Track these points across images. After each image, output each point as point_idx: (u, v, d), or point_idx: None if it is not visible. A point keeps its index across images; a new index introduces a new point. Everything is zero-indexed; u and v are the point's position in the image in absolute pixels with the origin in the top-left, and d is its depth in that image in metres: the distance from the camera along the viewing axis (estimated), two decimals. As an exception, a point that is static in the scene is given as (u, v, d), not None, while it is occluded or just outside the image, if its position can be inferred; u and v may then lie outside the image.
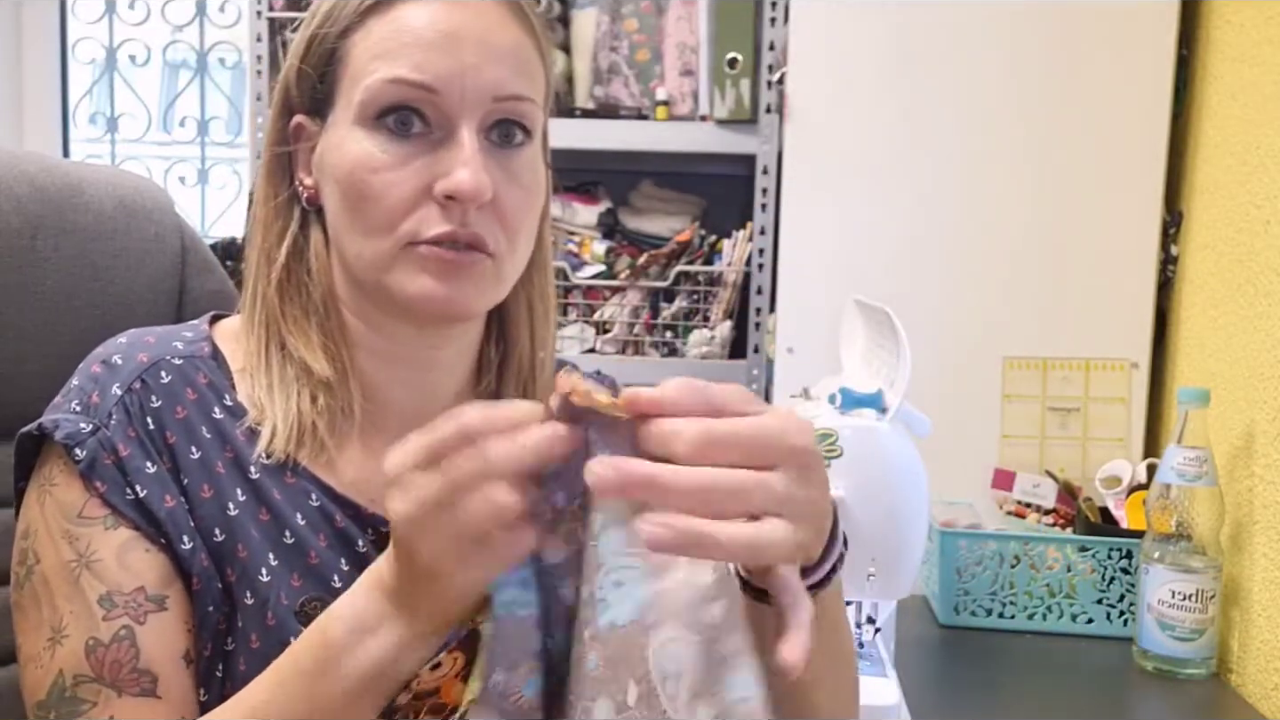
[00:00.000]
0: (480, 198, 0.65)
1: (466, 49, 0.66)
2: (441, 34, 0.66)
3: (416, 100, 0.66)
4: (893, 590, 0.93)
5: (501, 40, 0.68)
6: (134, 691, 0.62)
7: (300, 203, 0.72)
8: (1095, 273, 1.48)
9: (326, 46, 0.69)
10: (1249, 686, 1.17)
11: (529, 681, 0.54)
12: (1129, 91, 1.46)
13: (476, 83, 0.66)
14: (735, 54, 1.70)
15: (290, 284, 0.71)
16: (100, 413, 0.66)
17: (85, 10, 2.24)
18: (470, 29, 0.67)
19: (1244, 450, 1.22)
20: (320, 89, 0.70)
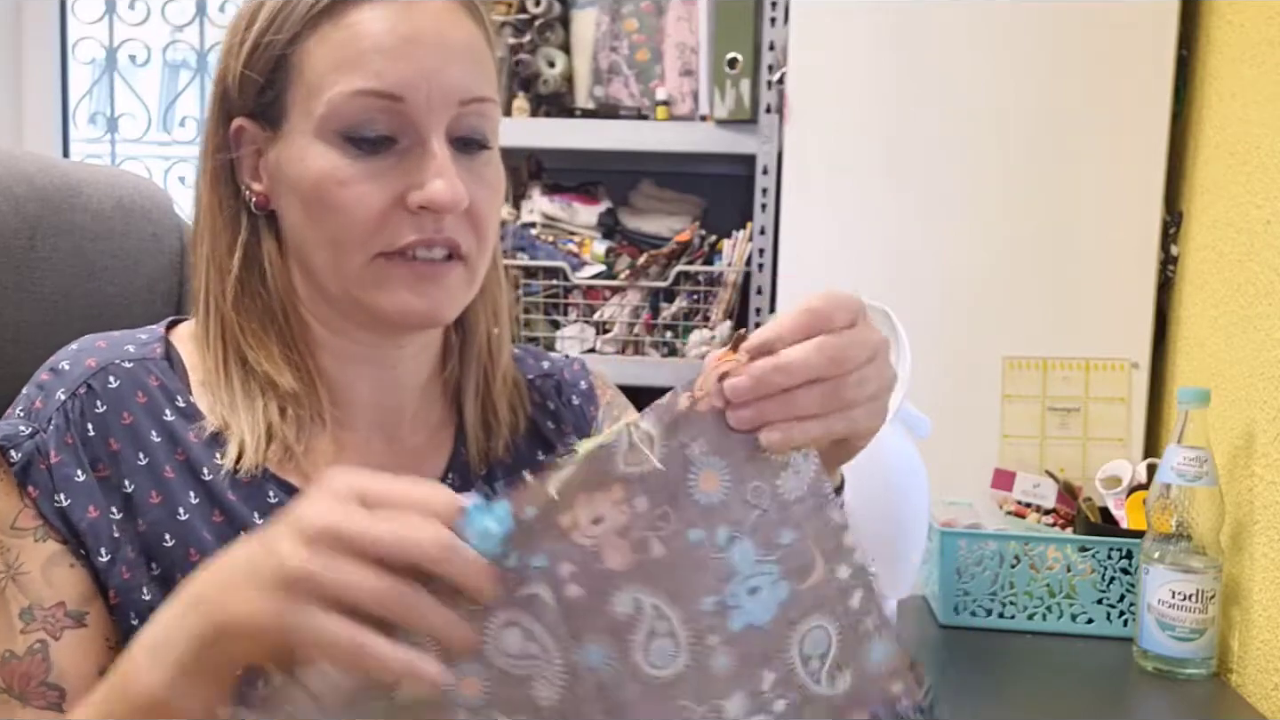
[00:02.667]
0: (458, 208, 0.65)
1: (426, 52, 0.65)
2: (400, 38, 0.64)
3: (381, 110, 0.64)
4: (893, 590, 0.93)
5: (457, 39, 0.67)
6: (39, 704, 0.62)
7: (249, 209, 0.70)
8: (1095, 273, 1.48)
9: (274, 53, 0.67)
10: (1249, 686, 1.17)
11: None
12: (1129, 92, 1.46)
13: (441, 87, 0.65)
14: (735, 54, 1.70)
15: (245, 295, 0.70)
16: (41, 418, 0.66)
17: (85, 10, 2.24)
18: (427, 31, 0.65)
19: (1244, 450, 1.22)
20: (268, 95, 0.68)
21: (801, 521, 0.55)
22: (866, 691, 0.57)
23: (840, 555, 0.56)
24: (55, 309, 0.85)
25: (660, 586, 0.53)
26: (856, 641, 0.56)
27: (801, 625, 0.56)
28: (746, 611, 0.55)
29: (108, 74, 2.25)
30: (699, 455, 0.54)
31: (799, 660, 0.56)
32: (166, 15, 2.25)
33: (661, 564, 0.53)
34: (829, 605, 0.56)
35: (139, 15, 2.24)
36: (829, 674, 0.56)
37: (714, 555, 0.54)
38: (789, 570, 0.55)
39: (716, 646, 0.54)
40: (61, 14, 2.21)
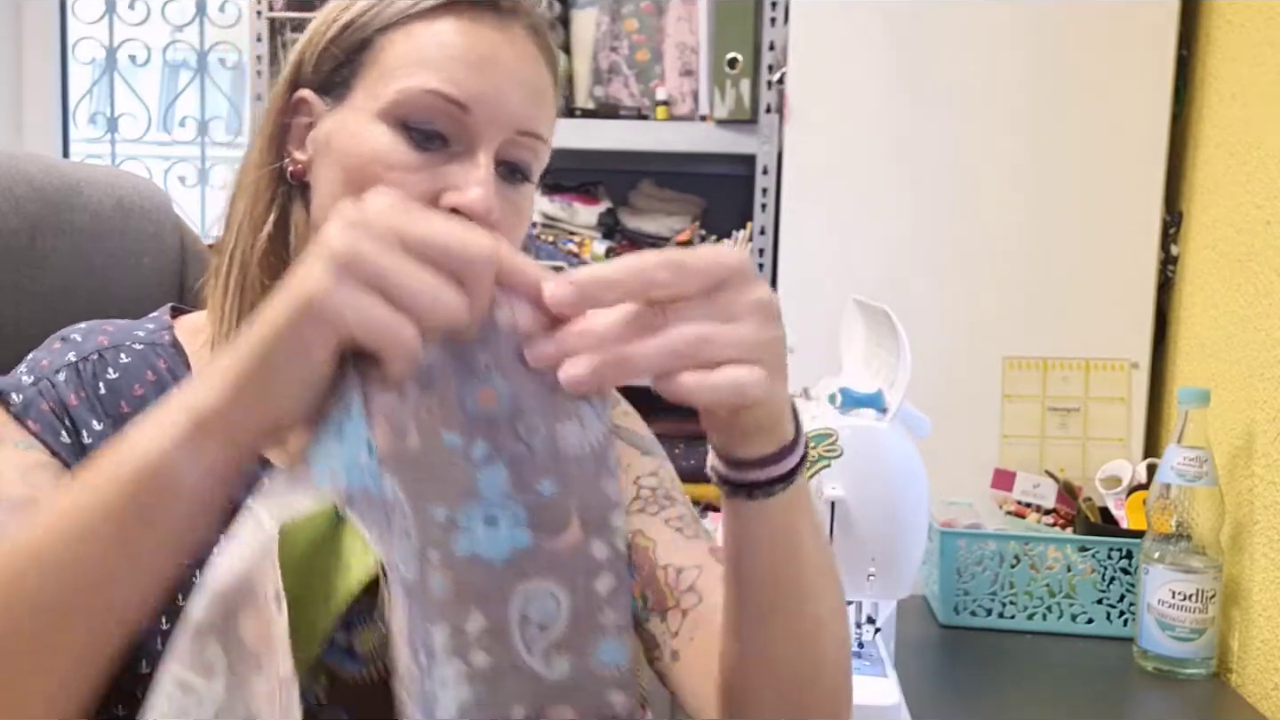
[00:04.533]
0: (487, 218, 0.66)
1: (501, 77, 0.68)
2: (481, 56, 0.68)
3: (445, 113, 0.67)
4: (893, 590, 0.93)
5: (530, 76, 0.70)
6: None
7: (286, 177, 0.73)
8: (1095, 273, 1.48)
9: (362, 35, 0.70)
10: (1249, 686, 1.17)
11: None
12: (1129, 92, 1.46)
13: (505, 110, 0.68)
14: (735, 54, 1.70)
15: (270, 255, 0.72)
16: (48, 371, 0.68)
17: (85, 10, 2.24)
18: (506, 60, 0.69)
19: (1244, 450, 1.22)
20: (342, 72, 0.71)
21: (570, 479, 0.51)
22: (582, 688, 0.52)
23: (602, 532, 0.52)
24: (55, 308, 0.85)
25: (404, 481, 0.49)
26: (589, 630, 0.52)
27: (531, 583, 0.51)
28: (476, 539, 0.50)
29: (108, 74, 2.25)
30: (484, 369, 0.50)
31: (516, 619, 0.51)
32: (166, 15, 2.25)
33: (410, 457, 0.49)
34: (570, 577, 0.51)
35: (139, 15, 2.24)
36: (546, 651, 0.52)
37: (463, 465, 0.50)
38: (538, 521, 0.51)
39: (436, 565, 0.50)
40: (61, 14, 2.21)
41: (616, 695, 0.52)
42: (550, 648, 0.51)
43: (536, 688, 0.51)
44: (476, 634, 0.51)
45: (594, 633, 0.51)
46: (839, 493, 0.85)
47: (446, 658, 0.50)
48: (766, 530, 0.59)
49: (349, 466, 0.46)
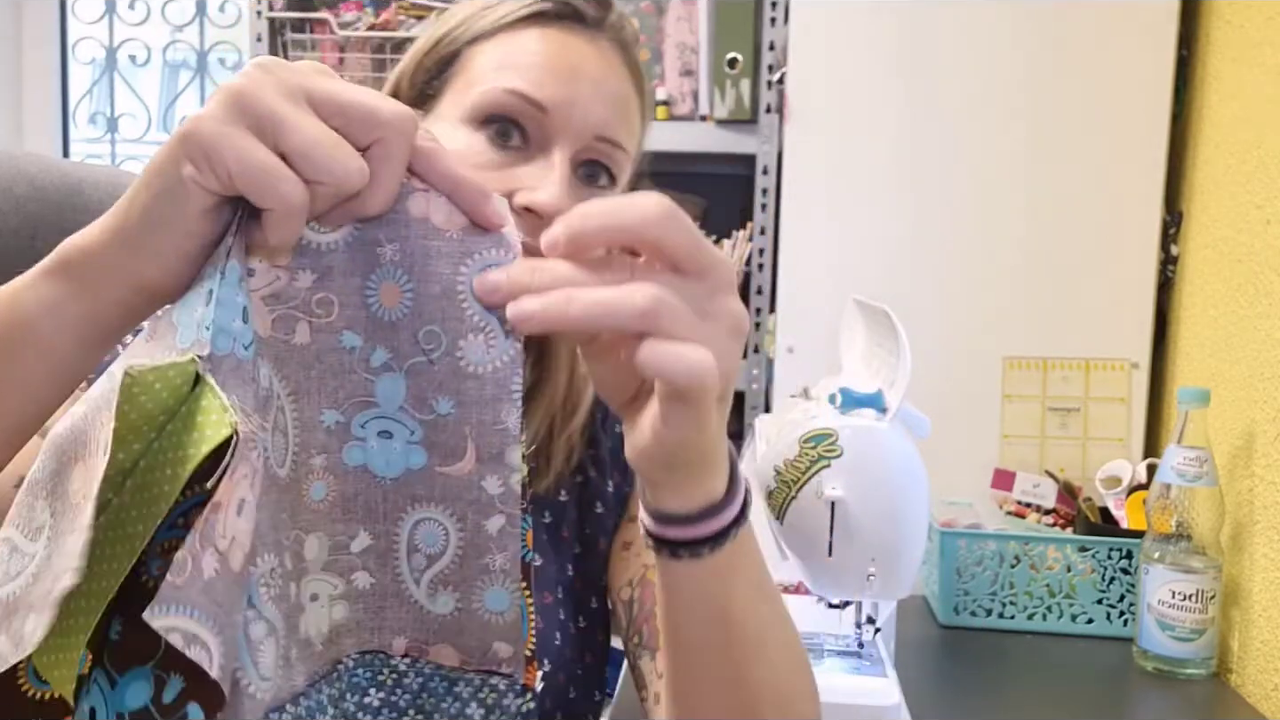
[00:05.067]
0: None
1: (583, 84, 0.69)
2: (566, 64, 0.69)
3: (525, 114, 0.68)
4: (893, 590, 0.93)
5: (615, 88, 0.71)
6: None
7: None
8: (1095, 273, 1.48)
9: (453, 49, 0.72)
10: (1249, 686, 1.17)
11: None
12: (1129, 91, 1.46)
13: (584, 116, 0.69)
14: (735, 54, 1.70)
15: None
16: None
17: (85, 10, 2.24)
18: (590, 68, 0.70)
19: (1244, 450, 1.22)
20: (433, 85, 0.73)
21: (468, 402, 0.48)
22: (465, 631, 0.49)
23: (496, 466, 0.48)
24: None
25: (286, 376, 0.46)
26: (475, 572, 0.49)
27: (421, 509, 0.48)
28: (368, 451, 0.48)
29: (108, 74, 2.25)
30: (390, 262, 0.46)
31: (405, 545, 0.48)
32: (166, 15, 2.25)
33: (299, 353, 0.46)
34: (459, 509, 0.48)
35: (139, 15, 2.24)
36: (431, 584, 0.49)
37: (360, 371, 0.47)
38: (432, 442, 0.48)
39: (319, 470, 0.47)
40: (61, 14, 2.21)
41: (501, 645, 0.50)
42: (436, 580, 0.49)
43: (420, 620, 0.49)
44: (360, 552, 0.48)
45: (481, 575, 0.49)
46: (839, 493, 0.85)
47: (320, 571, 0.47)
48: (693, 592, 0.55)
49: (218, 331, 0.42)
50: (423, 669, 0.50)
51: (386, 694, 0.50)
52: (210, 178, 0.42)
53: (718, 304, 0.46)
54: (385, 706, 0.50)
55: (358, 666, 0.49)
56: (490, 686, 0.50)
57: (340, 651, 0.49)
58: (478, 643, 0.49)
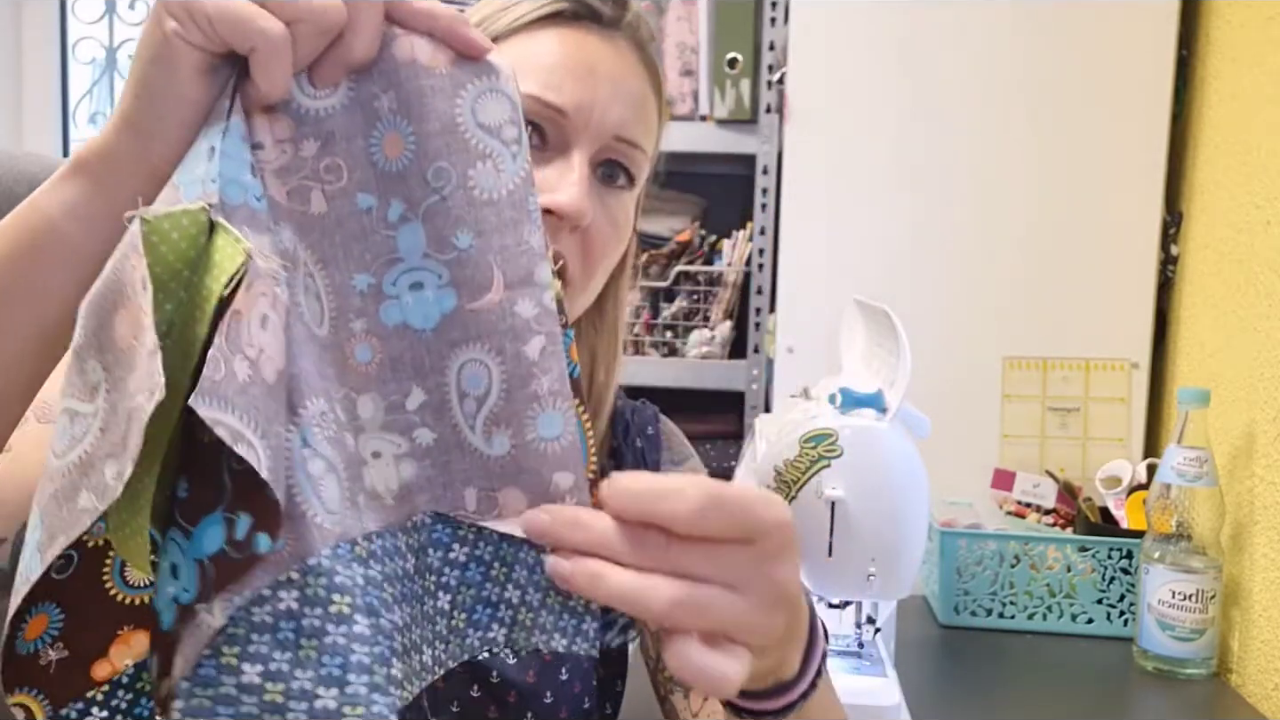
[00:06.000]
0: (581, 219, 0.67)
1: (601, 84, 0.69)
2: (583, 65, 0.69)
3: (544, 118, 0.68)
4: (893, 590, 0.93)
5: (633, 88, 0.71)
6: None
7: None
8: (1095, 273, 1.48)
9: None
10: (1249, 686, 1.17)
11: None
12: (1129, 91, 1.46)
13: (603, 117, 0.69)
14: (735, 54, 1.70)
15: None
16: None
17: (85, 10, 2.24)
18: (608, 68, 0.70)
19: (1244, 450, 1.22)
20: None
21: (487, 230, 0.47)
22: (525, 469, 0.48)
23: (526, 288, 0.48)
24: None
25: (311, 245, 0.46)
26: (523, 402, 0.48)
27: (462, 351, 0.48)
28: (404, 308, 0.48)
29: (108, 74, 2.25)
30: (388, 112, 0.47)
31: (455, 393, 0.48)
32: (166, 15, 2.25)
33: (319, 222, 0.46)
34: (495, 341, 0.48)
35: (139, 15, 2.24)
36: (484, 426, 0.48)
37: (381, 230, 0.47)
38: (459, 279, 0.47)
39: (360, 334, 0.47)
40: (61, 14, 2.21)
41: (562, 476, 0.48)
42: (488, 421, 0.48)
43: (483, 468, 0.48)
44: (416, 409, 0.48)
45: (529, 404, 0.48)
46: (839, 493, 0.85)
47: (379, 431, 0.48)
48: None
49: (227, 182, 0.42)
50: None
51: (470, 548, 0.49)
52: (193, 30, 0.43)
53: (761, 573, 0.45)
54: (471, 561, 0.49)
55: (436, 523, 0.49)
56: None
57: (414, 509, 0.48)
58: (538, 480, 0.48)
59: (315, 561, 0.42)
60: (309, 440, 0.43)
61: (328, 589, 0.42)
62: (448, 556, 0.49)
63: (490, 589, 0.49)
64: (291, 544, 0.41)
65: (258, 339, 0.40)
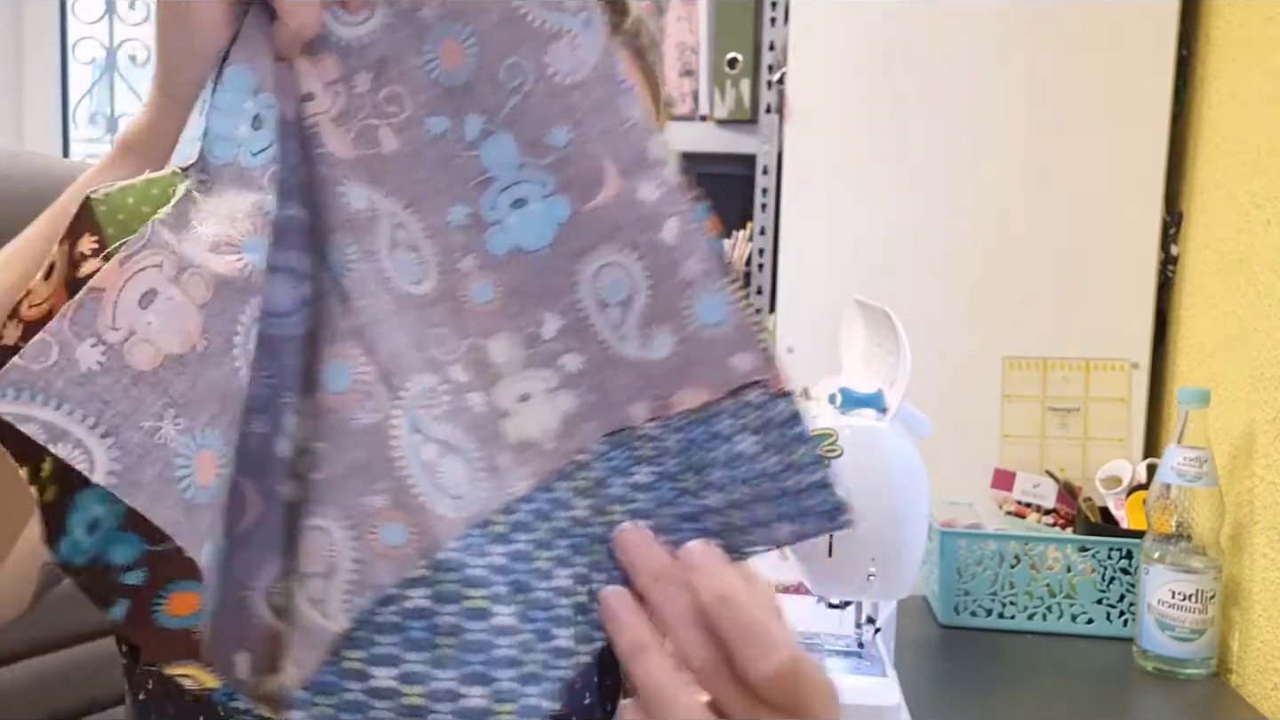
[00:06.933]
0: None
1: None
2: None
3: None
4: (893, 590, 0.93)
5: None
6: None
7: None
8: (1095, 273, 1.48)
9: None
10: (1249, 686, 1.17)
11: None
12: (1129, 91, 1.46)
13: None
14: (735, 54, 1.70)
15: None
16: None
17: (85, 10, 2.24)
18: None
19: (1244, 450, 1.22)
20: None
21: (583, 116, 0.42)
22: (695, 362, 0.43)
23: (642, 170, 0.43)
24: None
25: (394, 189, 0.43)
26: (674, 292, 0.43)
27: (591, 259, 0.43)
28: (510, 230, 0.43)
29: (108, 74, 2.25)
30: (434, 20, 0.42)
31: (593, 305, 0.43)
32: (166, 15, 2.25)
33: (394, 161, 0.42)
34: (625, 236, 0.43)
35: (139, 15, 2.24)
36: (639, 331, 0.43)
37: (462, 153, 0.43)
38: (567, 181, 0.43)
39: (472, 271, 0.43)
40: (61, 14, 2.21)
41: (739, 359, 0.43)
42: (641, 325, 0.43)
43: (647, 377, 0.43)
44: (556, 336, 0.43)
45: (681, 293, 0.43)
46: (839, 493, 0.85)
47: (522, 370, 0.43)
48: None
49: (215, 139, 0.39)
50: (675, 423, 0.44)
51: (653, 466, 0.44)
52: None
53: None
54: (658, 479, 0.44)
55: (611, 449, 0.44)
56: (747, 407, 0.43)
57: (584, 440, 0.44)
58: (714, 368, 0.43)
59: (444, 556, 0.40)
60: (418, 425, 0.40)
61: (460, 583, 0.40)
62: (631, 481, 0.44)
63: (687, 502, 0.44)
64: (415, 538, 0.39)
65: (129, 319, 0.35)
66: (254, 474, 0.41)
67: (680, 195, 0.43)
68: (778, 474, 0.43)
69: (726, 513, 0.44)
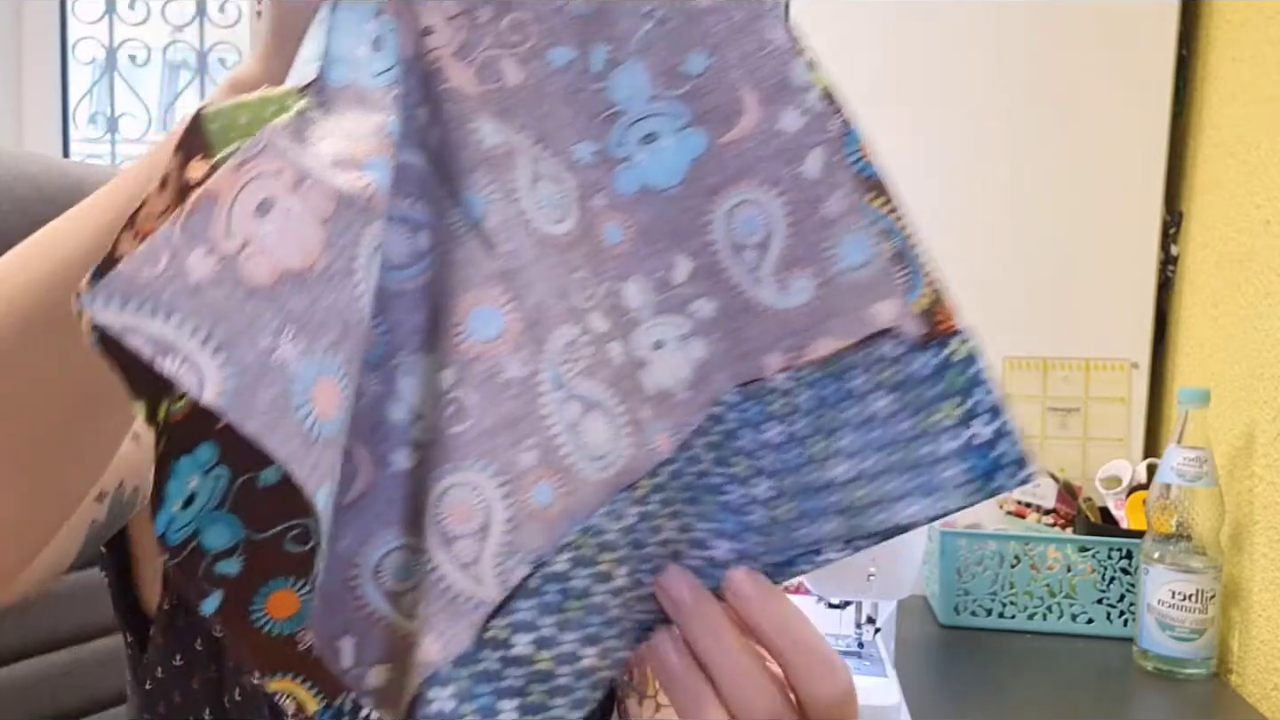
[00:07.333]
0: None
1: None
2: None
3: None
4: (893, 590, 0.93)
5: None
6: None
7: None
8: (1095, 273, 1.48)
9: None
10: (1249, 686, 1.17)
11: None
12: (1129, 91, 1.46)
13: None
14: (735, 54, 1.70)
15: None
16: None
17: (85, 10, 2.24)
18: None
19: (1244, 450, 1.22)
20: None
21: (720, 40, 0.39)
22: (834, 310, 0.40)
23: (785, 95, 0.40)
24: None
25: (524, 124, 0.40)
26: (816, 230, 0.39)
27: (725, 197, 0.40)
28: (640, 168, 0.40)
29: (108, 74, 2.25)
30: None
31: (727, 247, 0.40)
32: (166, 15, 2.25)
33: (520, 95, 0.39)
34: (765, 171, 0.39)
35: (139, 15, 2.24)
36: (776, 275, 0.40)
37: (588, 86, 0.40)
38: (703, 113, 0.39)
39: (603, 211, 0.40)
40: (61, 14, 2.21)
41: (881, 307, 0.40)
42: (778, 268, 0.40)
43: (783, 324, 0.40)
44: (687, 280, 0.40)
45: (823, 230, 0.40)
46: (839, 493, 0.85)
47: (655, 316, 0.40)
48: None
49: (332, 61, 0.36)
50: (806, 377, 0.40)
51: (785, 425, 0.41)
52: None
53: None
54: (788, 441, 0.41)
55: (743, 401, 0.41)
56: (881, 361, 0.40)
57: (716, 390, 0.41)
58: (854, 319, 0.40)
59: (593, 522, 0.38)
60: (562, 381, 0.38)
61: (598, 548, 0.38)
62: (761, 437, 0.41)
63: (812, 472, 0.41)
64: (563, 498, 0.37)
65: (245, 228, 0.32)
66: (365, 437, 0.37)
67: (825, 123, 0.40)
68: (910, 441, 0.40)
69: (850, 487, 0.40)
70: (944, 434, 0.39)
